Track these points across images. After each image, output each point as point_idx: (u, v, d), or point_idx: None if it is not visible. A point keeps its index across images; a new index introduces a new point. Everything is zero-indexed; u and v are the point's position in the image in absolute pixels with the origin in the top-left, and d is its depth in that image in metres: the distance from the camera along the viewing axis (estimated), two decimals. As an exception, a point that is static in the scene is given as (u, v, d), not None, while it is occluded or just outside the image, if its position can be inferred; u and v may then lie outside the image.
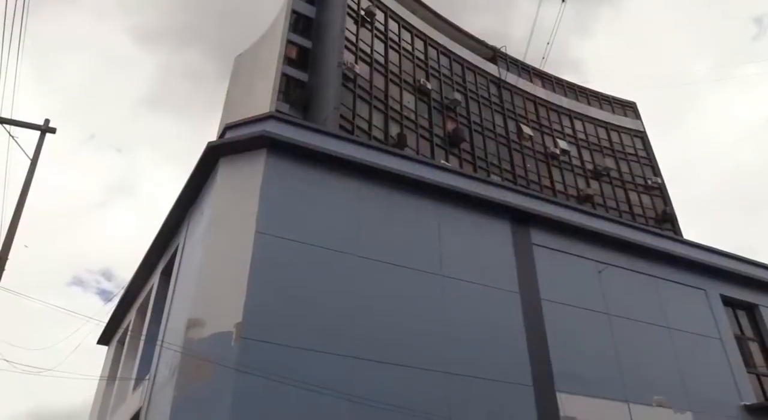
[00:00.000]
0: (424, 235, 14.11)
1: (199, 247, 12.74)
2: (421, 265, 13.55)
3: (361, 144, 15.20)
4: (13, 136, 14.87)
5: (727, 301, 18.44)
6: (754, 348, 18.52)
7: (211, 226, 12.53)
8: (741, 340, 18.12)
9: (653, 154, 53.23)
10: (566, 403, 13.37)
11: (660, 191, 50.41)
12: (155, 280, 16.30)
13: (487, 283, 14.17)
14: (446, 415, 11.85)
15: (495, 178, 36.04)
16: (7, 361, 11.87)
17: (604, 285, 15.95)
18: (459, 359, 12.72)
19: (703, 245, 19.01)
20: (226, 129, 13.92)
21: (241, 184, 13.00)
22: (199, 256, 12.41)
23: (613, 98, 56.38)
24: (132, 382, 15.29)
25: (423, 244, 13.95)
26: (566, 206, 17.50)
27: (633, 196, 49.16)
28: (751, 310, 19.15)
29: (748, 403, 16.07)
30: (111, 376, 19.26)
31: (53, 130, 15.34)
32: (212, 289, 11.73)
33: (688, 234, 45.29)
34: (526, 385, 13.23)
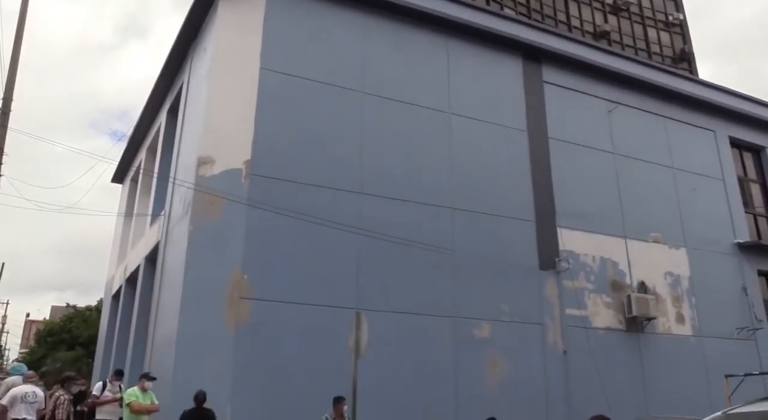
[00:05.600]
0: (433, 71, 13.77)
1: (204, 84, 12.54)
2: (428, 102, 13.39)
3: (368, -26, 14.26)
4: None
5: (735, 143, 18.43)
6: (755, 189, 18.84)
7: (215, 63, 12.21)
8: (743, 182, 18.38)
9: (677, -14, 50.04)
10: (566, 237, 13.92)
11: (680, 28, 48.10)
12: (162, 119, 16.29)
13: (495, 121, 14.10)
14: (450, 247, 12.41)
15: (508, 12, 34.35)
16: (28, 199, 12.24)
17: (613, 124, 15.86)
18: (464, 195, 13.04)
19: (717, 85, 18.58)
20: (223, -44, 13.03)
21: (244, 18, 12.45)
22: (205, 94, 12.25)
23: None
24: (148, 218, 15.89)
25: (431, 80, 13.67)
26: (580, 42, 16.87)
27: (652, 32, 47.01)
28: (757, 152, 19.19)
29: (741, 241, 16.69)
30: (128, 212, 20.00)
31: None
32: (220, 127, 11.73)
33: (709, 77, 44.03)
34: (529, 220, 13.68)
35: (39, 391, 8.31)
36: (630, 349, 13.97)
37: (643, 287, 14.67)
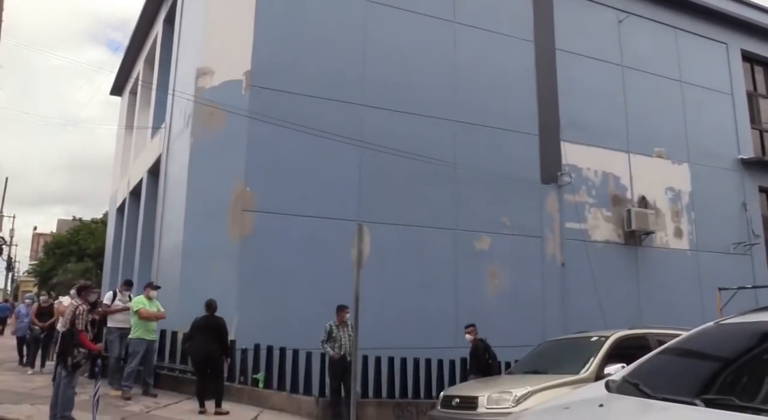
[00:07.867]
0: (438, -22, 13.23)
1: (200, -9, 12.09)
2: (433, 10, 12.94)
3: None
4: None
5: (747, 56, 17.94)
6: (765, 104, 18.52)
7: (211, -33, 11.73)
8: (752, 97, 18.04)
9: None
10: (569, 151, 13.84)
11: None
12: (159, 28, 15.84)
13: (501, 31, 13.67)
14: (452, 161, 12.37)
15: None
16: (26, 113, 12.10)
17: (623, 36, 15.39)
18: (467, 108, 12.86)
19: (733, -5, 17.86)
20: None
21: None
22: (202, 2, 11.85)
23: None
24: (149, 131, 15.78)
25: (436, -12, 13.16)
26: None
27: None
28: (769, 66, 18.72)
29: (745, 157, 16.59)
30: (128, 125, 19.84)
31: None
32: (218, 38, 11.42)
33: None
34: (532, 134, 13.56)
35: None
36: (627, 262, 14.23)
37: (643, 202, 14.76)
